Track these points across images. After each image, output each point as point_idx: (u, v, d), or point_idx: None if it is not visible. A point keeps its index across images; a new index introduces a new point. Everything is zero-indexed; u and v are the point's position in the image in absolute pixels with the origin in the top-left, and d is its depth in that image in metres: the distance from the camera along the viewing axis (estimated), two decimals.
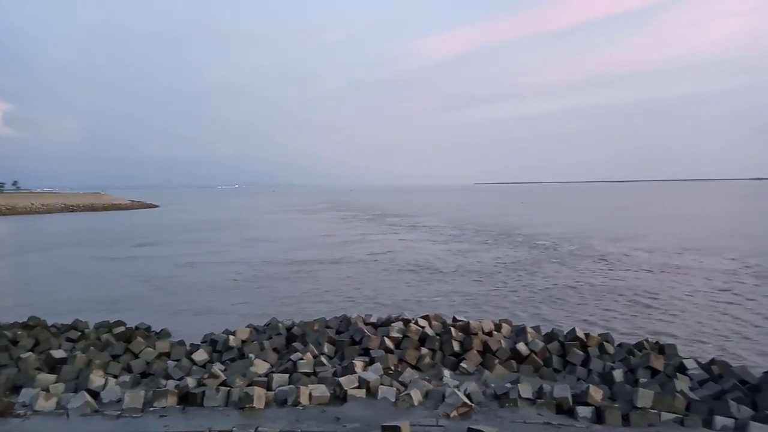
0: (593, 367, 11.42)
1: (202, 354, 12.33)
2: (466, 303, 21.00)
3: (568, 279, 25.75)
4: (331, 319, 14.56)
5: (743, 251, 34.29)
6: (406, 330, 12.82)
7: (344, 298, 22.05)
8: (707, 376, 10.51)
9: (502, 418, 8.56)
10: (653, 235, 45.37)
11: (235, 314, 19.16)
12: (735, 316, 18.38)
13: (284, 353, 12.51)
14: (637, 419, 8.46)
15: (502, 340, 12.54)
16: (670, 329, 16.79)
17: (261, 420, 8.44)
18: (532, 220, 65.64)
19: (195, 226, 65.13)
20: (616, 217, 72.10)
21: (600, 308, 19.85)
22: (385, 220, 70.41)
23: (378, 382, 9.86)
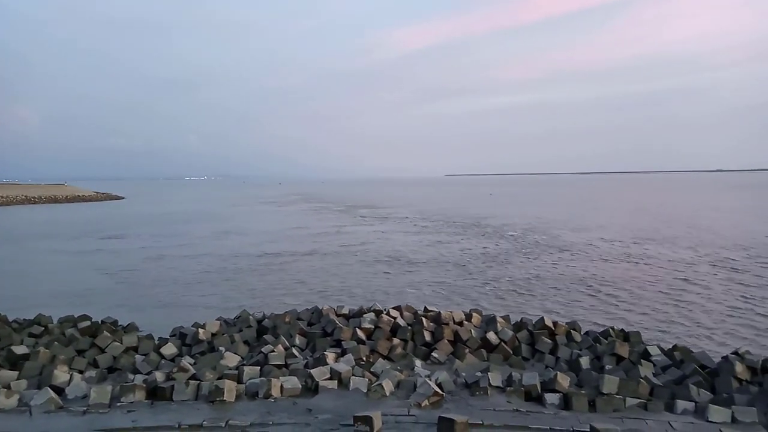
0: (561, 354, 11.66)
1: (171, 348, 12.14)
2: (437, 293, 21.18)
3: (536, 269, 26.19)
4: (303, 311, 14.50)
5: (698, 241, 35.55)
6: (378, 321, 12.86)
7: (316, 290, 21.98)
8: (670, 362, 10.84)
9: (472, 407, 8.68)
10: (615, 226, 46.62)
11: (204, 307, 18.93)
12: (693, 303, 19.02)
13: (255, 346, 12.42)
14: (603, 405, 8.68)
15: (472, 329, 12.70)
16: (634, 317, 17.27)
17: (232, 413, 8.37)
18: (500, 212, 66.52)
19: (163, 218, 63.92)
20: (581, 208, 73.67)
21: (567, 297, 20.26)
22: (357, 212, 70.35)
23: (350, 373, 9.87)
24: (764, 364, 10.05)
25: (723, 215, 57.24)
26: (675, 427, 7.89)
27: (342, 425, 7.84)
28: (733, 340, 14.64)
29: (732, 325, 16.25)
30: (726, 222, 49.26)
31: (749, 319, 16.92)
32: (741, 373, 9.75)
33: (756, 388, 9.35)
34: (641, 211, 64.79)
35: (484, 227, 47.20)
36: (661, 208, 71.08)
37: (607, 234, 40.50)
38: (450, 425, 7.42)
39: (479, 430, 7.69)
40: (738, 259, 28.09)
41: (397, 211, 70.39)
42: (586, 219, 54.87)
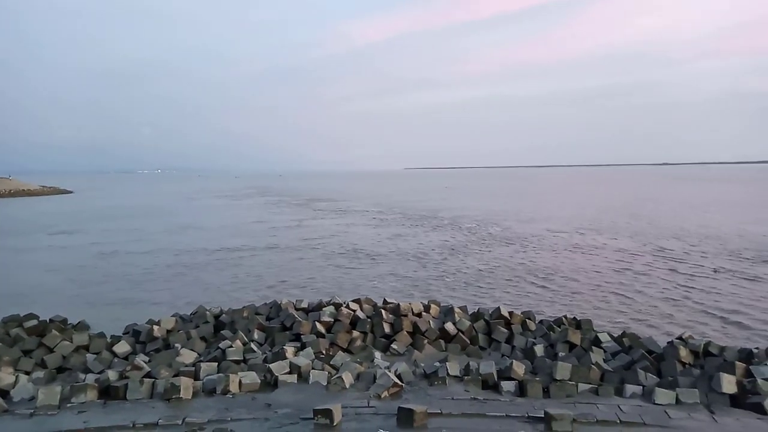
0: (516, 343, 11.97)
1: (124, 346, 11.82)
2: (396, 286, 21.32)
3: (491, 260, 26.70)
4: (261, 305, 14.36)
5: (638, 231, 37.06)
6: (338, 314, 12.88)
7: (275, 285, 21.76)
8: (619, 347, 11.29)
9: (431, 396, 8.81)
10: (563, 218, 48.11)
11: (159, 304, 18.45)
12: (638, 291, 19.82)
13: (212, 342, 12.24)
14: (556, 391, 8.97)
15: (430, 320, 12.87)
16: (584, 305, 17.86)
17: (189, 410, 8.23)
18: (456, 204, 67.45)
19: (114, 213, 61.83)
20: (533, 200, 75.49)
21: (521, 287, 20.76)
22: (315, 205, 69.91)
23: (309, 367, 9.86)
24: (705, 347, 10.60)
25: (663, 206, 59.75)
26: (624, 410, 8.21)
27: (302, 419, 7.83)
28: (676, 326, 15.33)
29: (674, 312, 17.02)
30: (665, 213, 51.56)
31: (689, 305, 17.76)
32: (685, 357, 10.24)
33: (698, 371, 9.85)
34: (588, 203, 67.01)
35: (440, 219, 47.78)
36: (607, 199, 73.61)
37: (555, 225, 41.74)
38: (409, 415, 7.52)
39: (438, 419, 7.82)
40: (674, 248, 29.41)
41: (356, 205, 70.34)
42: (537, 211, 56.41)
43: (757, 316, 16.26)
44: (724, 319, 16.14)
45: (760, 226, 39.02)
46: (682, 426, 7.69)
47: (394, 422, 7.59)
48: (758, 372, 9.23)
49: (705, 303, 17.95)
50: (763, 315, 16.42)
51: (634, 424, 7.74)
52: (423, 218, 49.45)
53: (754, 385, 8.73)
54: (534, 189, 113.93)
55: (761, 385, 8.71)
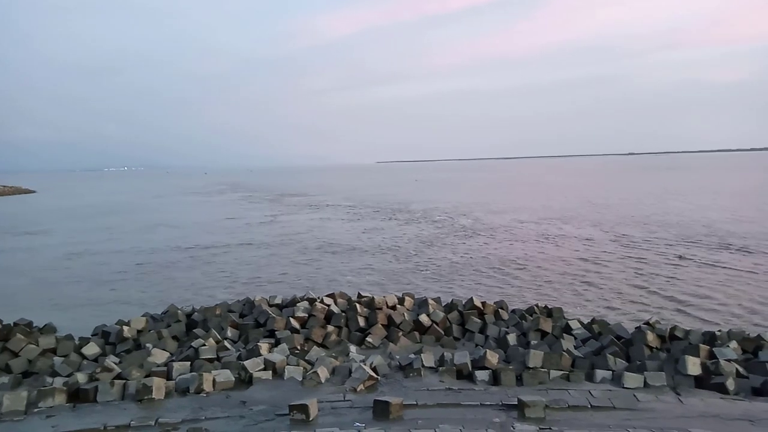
0: (490, 333, 12.12)
1: (93, 347, 11.55)
2: (370, 279, 21.36)
3: (463, 252, 26.96)
4: (234, 302, 14.22)
5: (605, 220, 37.96)
6: (312, 309, 12.83)
7: (249, 282, 21.56)
8: (589, 334, 11.54)
9: (406, 388, 8.87)
10: (533, 208, 49.14)
11: (130, 304, 18.09)
12: (607, 278, 20.34)
13: (185, 341, 12.07)
14: (528, 378, 9.13)
15: (405, 313, 12.93)
16: (555, 294, 18.21)
17: (161, 411, 8.12)
18: (426, 197, 67.91)
19: (82, 212, 60.25)
20: (501, 192, 76.60)
21: (493, 278, 21.03)
22: (287, 201, 69.41)
23: (284, 363, 9.82)
24: (671, 332, 10.91)
25: (627, 195, 61.30)
26: (594, 395, 8.41)
27: (277, 415, 7.80)
28: (643, 312, 15.75)
29: (640, 298, 17.50)
30: (629, 202, 52.96)
31: (654, 291, 18.28)
32: (652, 342, 10.53)
33: (665, 354, 10.14)
34: (555, 194, 68.40)
35: (413, 213, 48.02)
36: (573, 190, 75.12)
37: (523, 216, 42.53)
38: (385, 407, 7.57)
39: (413, 410, 7.88)
40: (638, 236, 30.21)
41: (328, 199, 70.07)
42: (505, 202, 57.33)
43: (719, 300, 16.83)
44: (687, 303, 16.66)
45: (718, 213, 40.34)
46: (650, 408, 7.92)
47: (370, 415, 7.62)
48: (721, 354, 9.57)
49: (669, 289, 18.48)
50: (725, 299, 17.00)
51: (605, 408, 7.94)
52: (395, 211, 49.63)
53: (717, 367, 9.04)
54: (502, 181, 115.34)
55: (724, 366, 9.03)
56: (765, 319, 14.95)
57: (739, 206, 44.83)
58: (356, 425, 7.25)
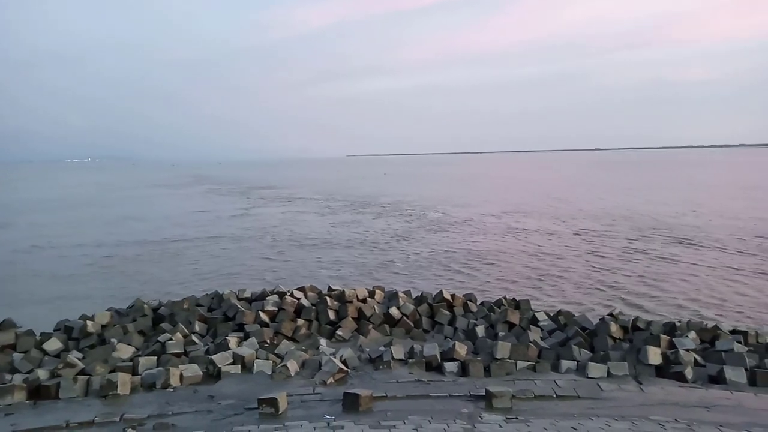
0: (458, 325, 12.27)
1: (55, 343, 11.24)
2: (343, 273, 21.34)
3: (434, 245, 27.18)
4: (202, 296, 14.03)
5: (568, 214, 38.85)
6: (282, 303, 12.76)
7: (218, 276, 21.25)
8: (555, 326, 11.79)
9: (376, 380, 8.92)
10: (499, 201, 50.04)
11: (94, 299, 17.64)
12: (572, 270, 20.83)
13: (151, 335, 11.86)
14: (496, 369, 9.29)
15: (375, 306, 12.98)
16: (523, 286, 18.52)
17: (127, 407, 7.98)
18: (395, 191, 68.19)
19: (41, 205, 58.35)
20: (468, 185, 77.43)
21: (462, 271, 21.27)
22: (257, 194, 68.65)
23: (253, 357, 9.76)
24: (634, 323, 11.24)
25: (589, 190, 62.77)
26: (560, 384, 8.61)
27: (246, 409, 7.75)
28: (607, 303, 16.16)
29: (604, 289, 17.98)
30: (590, 196, 54.34)
31: (618, 283, 18.79)
32: (615, 332, 10.82)
33: (627, 345, 10.44)
34: (521, 188, 69.65)
35: (382, 206, 48.16)
36: (538, 184, 76.53)
37: (489, 209, 43.22)
38: (355, 400, 7.60)
39: (383, 402, 7.93)
40: (599, 229, 31.03)
41: (298, 192, 69.59)
42: (472, 196, 58.10)
43: (678, 291, 17.40)
44: (647, 295, 17.18)
45: (676, 207, 41.60)
46: (612, 397, 8.15)
47: (340, 408, 7.64)
48: (680, 344, 9.90)
49: (629, 281, 19.02)
50: (683, 290, 17.59)
51: (569, 398, 8.14)
52: (365, 205, 49.67)
53: (677, 356, 9.35)
54: (469, 174, 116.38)
55: (683, 355, 9.34)
56: (721, 309, 15.52)
57: (695, 201, 46.35)
58: (326, 418, 7.26)
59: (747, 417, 7.34)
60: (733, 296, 16.80)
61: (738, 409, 7.68)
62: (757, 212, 36.86)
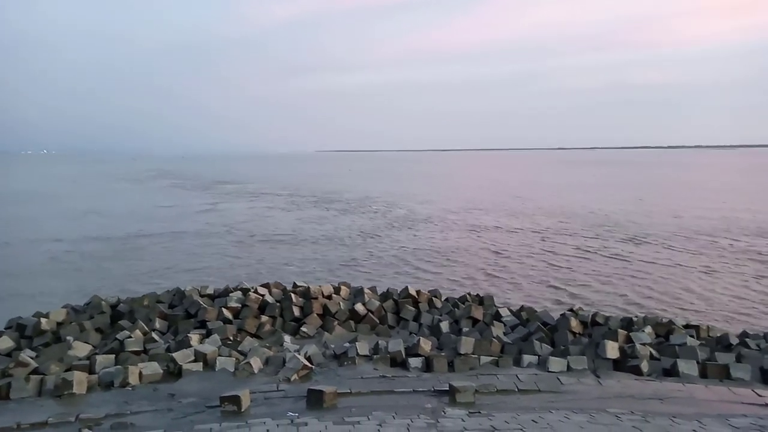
0: (423, 321, 12.34)
1: (6, 341, 10.80)
2: (309, 269, 21.23)
3: (400, 241, 27.33)
4: (163, 293, 13.71)
5: (528, 212, 39.74)
6: (245, 299, 12.59)
7: (181, 272, 20.85)
8: (517, 321, 11.99)
9: (341, 376, 8.90)
10: (461, 198, 50.95)
11: (50, 296, 17.07)
12: (534, 266, 21.30)
13: (109, 333, 11.54)
14: (460, 364, 9.38)
15: (341, 302, 12.94)
16: (485, 283, 18.80)
17: (83, 406, 7.74)
18: (361, 187, 68.40)
19: None
20: (433, 183, 78.34)
21: (427, 267, 21.47)
22: (223, 189, 67.62)
23: (215, 354, 9.60)
24: (593, 318, 11.53)
25: (548, 188, 64.41)
26: (521, 379, 8.76)
27: (208, 407, 7.63)
28: (568, 298, 16.56)
29: (560, 286, 18.43)
30: (548, 194, 55.85)
31: (578, 279, 19.29)
32: (575, 327, 11.08)
33: (586, 339, 10.70)
34: (483, 185, 71.01)
35: (348, 203, 48.21)
36: (500, 182, 78.02)
37: (453, 206, 43.98)
38: (319, 396, 7.56)
39: (348, 398, 7.92)
40: (554, 227, 31.86)
41: (264, 188, 68.85)
42: (436, 193, 58.88)
43: (632, 288, 17.98)
44: (603, 291, 17.69)
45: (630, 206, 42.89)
46: (572, 390, 8.34)
47: (304, 404, 7.59)
48: (637, 338, 10.21)
49: (587, 278, 19.53)
50: (637, 286, 18.18)
51: (531, 392, 8.29)
52: (331, 201, 49.58)
53: (634, 350, 9.64)
54: (435, 172, 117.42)
55: (639, 349, 9.63)
56: (674, 306, 16.08)
57: (648, 200, 47.93)
58: (289, 415, 7.20)
59: (698, 408, 7.63)
60: (684, 293, 17.45)
61: (690, 400, 7.96)
62: (702, 211, 38.44)
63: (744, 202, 44.49)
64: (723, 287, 18.02)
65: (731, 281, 18.80)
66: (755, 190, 56.53)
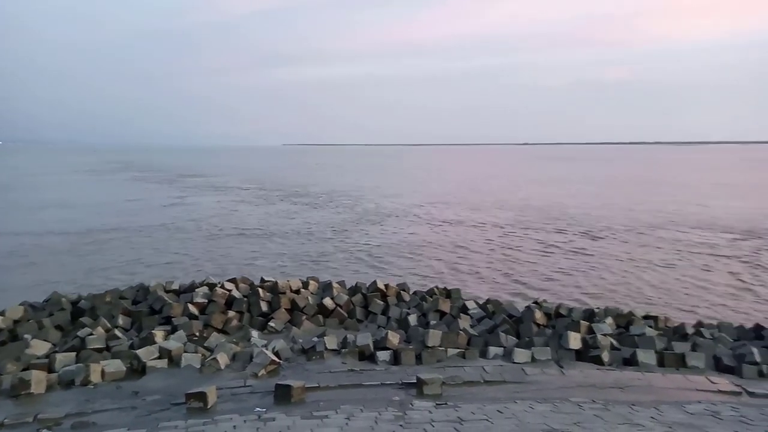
0: (392, 314, 12.41)
1: None
2: (278, 264, 21.07)
3: (368, 235, 27.39)
4: (126, 289, 13.42)
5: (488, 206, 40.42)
6: (212, 294, 12.43)
7: (147, 268, 20.38)
8: (484, 313, 12.17)
9: (309, 371, 8.89)
10: (427, 192, 51.57)
11: (7, 292, 16.40)
12: (500, 259, 21.65)
13: (70, 330, 11.23)
14: (427, 357, 9.48)
15: (309, 296, 12.90)
16: (455, 275, 19.03)
17: (42, 406, 7.54)
18: (325, 181, 68.08)
19: None
20: (399, 177, 78.64)
21: (396, 261, 21.56)
22: (187, 182, 66.37)
23: (181, 350, 9.47)
24: (557, 309, 11.80)
25: (511, 183, 65.59)
26: (487, 370, 8.91)
27: (173, 404, 7.52)
28: (533, 291, 16.89)
29: (530, 278, 18.82)
30: (511, 188, 56.90)
31: (542, 271, 19.72)
32: (539, 319, 11.31)
33: (550, 331, 10.95)
34: (447, 179, 71.83)
35: (315, 197, 48.02)
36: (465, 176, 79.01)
37: (418, 200, 44.40)
38: (287, 391, 7.54)
39: (316, 392, 7.92)
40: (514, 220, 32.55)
41: (229, 181, 67.89)
42: (403, 186, 59.27)
43: (595, 281, 18.47)
44: (567, 284, 18.12)
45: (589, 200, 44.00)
46: (536, 381, 8.53)
47: (271, 400, 7.56)
48: (598, 329, 10.49)
49: (548, 270, 19.97)
50: (599, 279, 18.67)
51: (496, 383, 8.44)
52: (298, 195, 49.30)
53: (595, 340, 9.90)
54: (401, 166, 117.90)
55: (600, 340, 9.91)
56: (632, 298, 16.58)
57: (604, 194, 49.27)
58: (256, 410, 7.16)
59: (655, 395, 7.91)
60: (643, 285, 18.01)
61: (648, 388, 8.25)
62: (658, 205, 39.78)
63: (696, 197, 46.18)
64: (678, 279, 18.67)
65: (687, 273, 19.49)
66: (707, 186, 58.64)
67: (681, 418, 6.76)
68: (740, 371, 8.99)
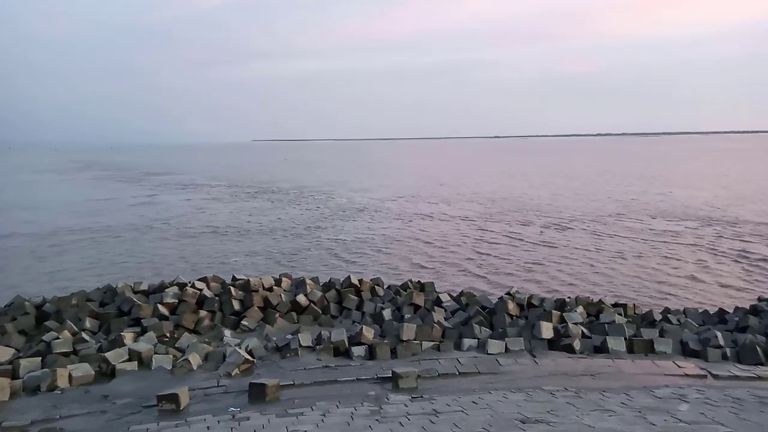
0: (366, 309, 12.39)
1: None
2: (250, 262, 20.86)
3: (340, 231, 27.31)
4: (93, 291, 13.07)
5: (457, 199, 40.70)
6: (182, 294, 12.20)
7: (115, 269, 19.89)
8: (458, 306, 12.26)
9: (283, 368, 8.82)
10: (397, 187, 51.68)
11: None
12: (470, 252, 21.83)
13: (34, 335, 10.88)
14: (402, 351, 9.51)
15: (282, 294, 12.76)
16: (428, 268, 19.13)
17: (6, 413, 7.29)
18: (294, 177, 67.81)
19: None
20: (368, 172, 78.74)
21: (369, 256, 21.57)
22: (155, 180, 65.06)
23: (151, 352, 9.28)
24: (529, 300, 11.96)
25: (480, 176, 66.28)
26: (462, 362, 8.98)
27: (144, 407, 7.37)
28: (506, 282, 17.09)
29: (502, 269, 19.06)
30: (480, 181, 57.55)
31: (514, 262, 19.97)
32: (512, 310, 11.45)
33: (523, 321, 11.09)
34: (417, 173, 72.49)
35: (286, 193, 47.73)
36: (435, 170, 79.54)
37: (388, 194, 44.59)
38: (261, 389, 7.46)
39: (290, 390, 7.86)
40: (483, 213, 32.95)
41: (198, 179, 66.79)
42: (371, 182, 59.36)
43: (565, 271, 18.81)
44: (538, 274, 18.41)
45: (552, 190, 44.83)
46: (510, 371, 8.64)
47: (245, 399, 7.47)
48: (569, 318, 10.68)
49: (524, 260, 20.28)
50: (569, 268, 19.01)
51: (471, 374, 8.52)
52: (268, 191, 48.86)
53: (567, 330, 10.08)
54: (372, 160, 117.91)
55: (571, 328, 10.09)
56: (602, 287, 16.94)
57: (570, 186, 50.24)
58: (230, 410, 7.07)
59: (625, 381, 8.09)
60: (612, 273, 18.42)
61: (618, 374, 8.44)
62: (622, 196, 40.79)
63: (660, 186, 47.43)
64: (645, 267, 19.15)
65: (653, 261, 20.00)
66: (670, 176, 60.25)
67: (650, 402, 6.93)
68: (705, 355, 9.26)
